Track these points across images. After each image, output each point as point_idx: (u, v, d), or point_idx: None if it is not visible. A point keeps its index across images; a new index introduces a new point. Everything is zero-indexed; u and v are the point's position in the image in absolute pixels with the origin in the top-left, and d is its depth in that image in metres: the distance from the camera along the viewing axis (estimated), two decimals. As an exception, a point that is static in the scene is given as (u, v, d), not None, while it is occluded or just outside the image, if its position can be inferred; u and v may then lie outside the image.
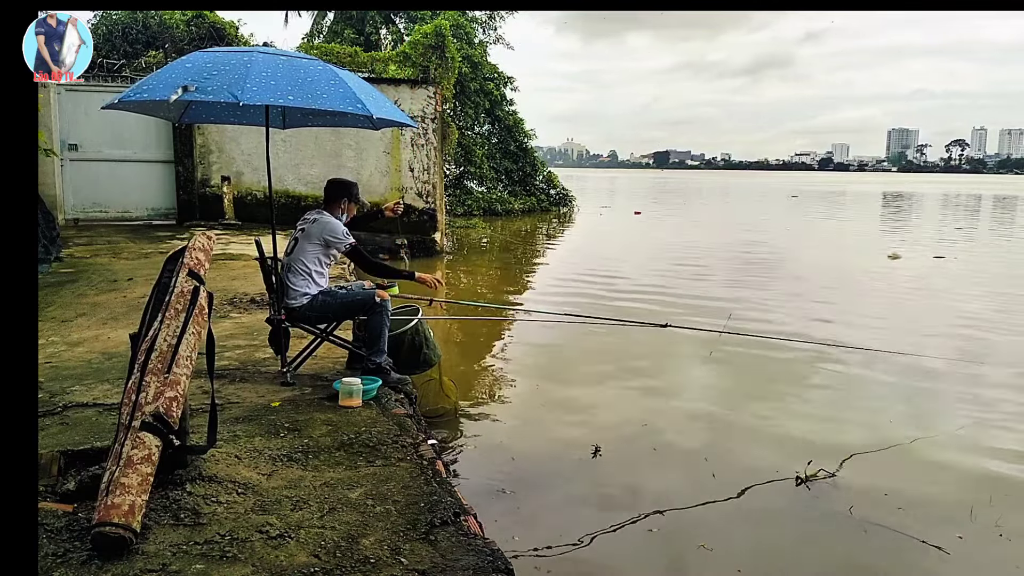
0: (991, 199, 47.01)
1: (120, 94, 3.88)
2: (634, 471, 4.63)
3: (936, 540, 3.72)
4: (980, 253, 17.06)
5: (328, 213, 4.47)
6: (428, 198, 13.13)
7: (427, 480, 3.12)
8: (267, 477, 3.07)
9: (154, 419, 2.62)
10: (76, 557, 2.36)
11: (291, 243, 4.49)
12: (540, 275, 13.43)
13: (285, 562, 2.42)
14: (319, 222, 4.41)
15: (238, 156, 12.44)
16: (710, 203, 41.26)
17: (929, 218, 29.96)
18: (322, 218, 4.42)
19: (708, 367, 6.96)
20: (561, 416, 5.58)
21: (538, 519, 3.89)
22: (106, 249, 9.35)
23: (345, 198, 4.54)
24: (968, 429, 5.35)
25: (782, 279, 12.33)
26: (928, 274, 13.26)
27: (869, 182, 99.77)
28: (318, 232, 4.38)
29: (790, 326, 8.48)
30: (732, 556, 3.61)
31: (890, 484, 4.40)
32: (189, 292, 2.97)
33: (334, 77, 4.03)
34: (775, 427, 5.37)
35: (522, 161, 25.69)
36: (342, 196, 4.54)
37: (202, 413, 3.45)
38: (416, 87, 13.11)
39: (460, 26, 22.33)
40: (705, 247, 17.56)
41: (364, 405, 4.03)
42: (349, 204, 4.55)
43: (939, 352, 7.45)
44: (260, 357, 4.93)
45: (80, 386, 4.20)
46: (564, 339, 7.81)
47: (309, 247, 4.40)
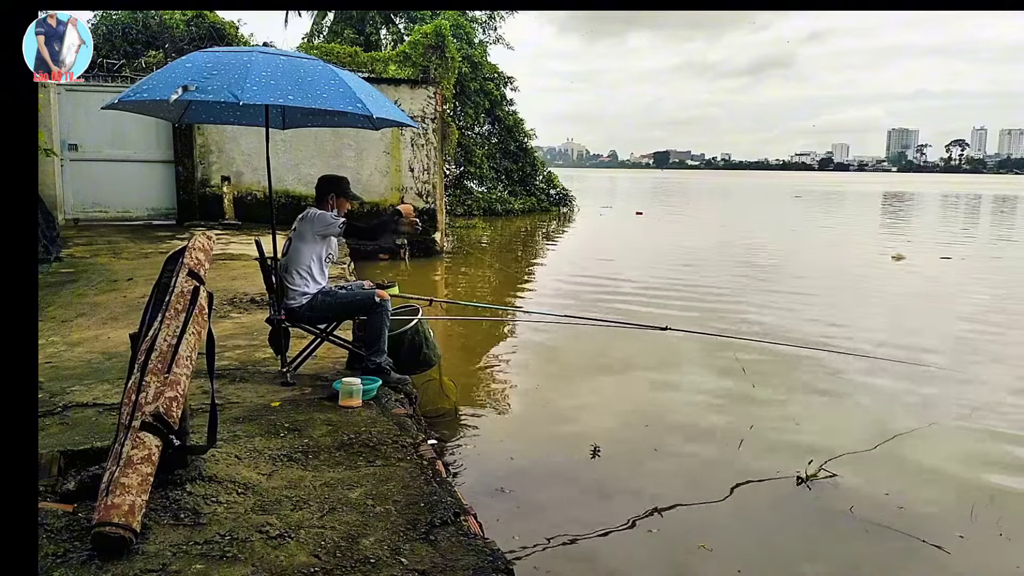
0: (991, 199, 46.86)
1: (120, 94, 3.89)
2: (634, 471, 4.63)
3: (937, 540, 3.72)
4: (984, 255, 16.84)
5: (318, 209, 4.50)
6: (428, 198, 13.13)
7: (427, 480, 3.11)
8: (267, 477, 3.07)
9: (154, 419, 2.62)
10: (76, 557, 2.36)
11: (286, 244, 4.52)
12: (540, 275, 13.43)
13: (285, 562, 2.42)
14: (307, 218, 4.45)
15: (238, 156, 12.43)
16: (712, 203, 41.18)
17: (931, 218, 29.87)
18: (309, 212, 4.46)
19: (709, 368, 6.96)
20: (561, 416, 5.58)
21: (538, 519, 3.89)
22: (106, 249, 9.35)
23: (332, 193, 4.54)
24: (969, 429, 5.35)
25: (785, 281, 12.28)
26: (936, 275, 13.16)
27: (869, 182, 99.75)
28: (308, 228, 4.41)
29: (793, 330, 8.48)
30: (732, 556, 3.61)
31: (891, 484, 4.40)
32: (189, 292, 2.97)
33: (334, 77, 4.03)
34: (776, 428, 5.36)
35: (522, 161, 25.69)
36: (329, 191, 4.54)
37: (202, 413, 3.45)
38: (416, 87, 13.11)
39: (460, 26, 22.33)
40: (708, 248, 17.48)
41: (364, 405, 4.03)
42: (338, 199, 4.55)
43: (945, 354, 7.46)
44: (260, 357, 4.93)
45: (80, 386, 4.20)
46: (564, 340, 7.81)
47: (304, 246, 4.42)
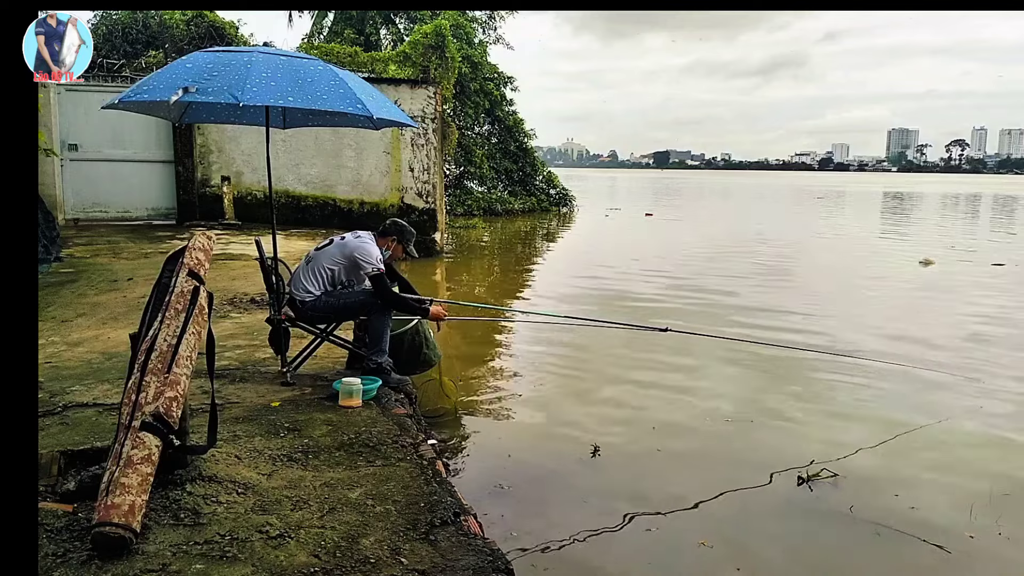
0: (1004, 199, 46.20)
1: (120, 94, 3.89)
2: (634, 470, 4.63)
3: (937, 539, 3.72)
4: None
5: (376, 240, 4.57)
6: (428, 198, 13.13)
7: (427, 480, 3.12)
8: (267, 477, 3.07)
9: (154, 419, 2.62)
10: (76, 557, 2.36)
11: (326, 243, 4.57)
12: (540, 276, 13.43)
13: (285, 562, 2.42)
14: (359, 240, 4.50)
15: (238, 156, 12.43)
16: (722, 204, 40.82)
17: (949, 220, 29.01)
18: (364, 241, 4.50)
19: (711, 369, 6.95)
20: (561, 416, 5.57)
21: (538, 518, 3.89)
22: (106, 249, 9.34)
23: (395, 237, 4.67)
24: (970, 429, 5.35)
25: (798, 284, 12.16)
26: (976, 283, 12.18)
27: (872, 182, 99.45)
28: (352, 249, 4.44)
29: (804, 335, 8.47)
30: (732, 555, 3.61)
31: (891, 485, 4.40)
32: (189, 292, 2.97)
33: (334, 77, 4.03)
34: (778, 429, 5.36)
35: (522, 161, 25.69)
36: (393, 234, 4.66)
37: (202, 413, 3.45)
38: (416, 87, 13.11)
39: (460, 26, 22.32)
40: (727, 250, 16.78)
41: (364, 405, 4.03)
42: (396, 244, 4.69)
43: (948, 358, 7.45)
44: (260, 357, 4.93)
45: (80, 386, 4.20)
46: (565, 340, 7.81)
47: (338, 258, 4.46)
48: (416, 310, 4.63)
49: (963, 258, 15.71)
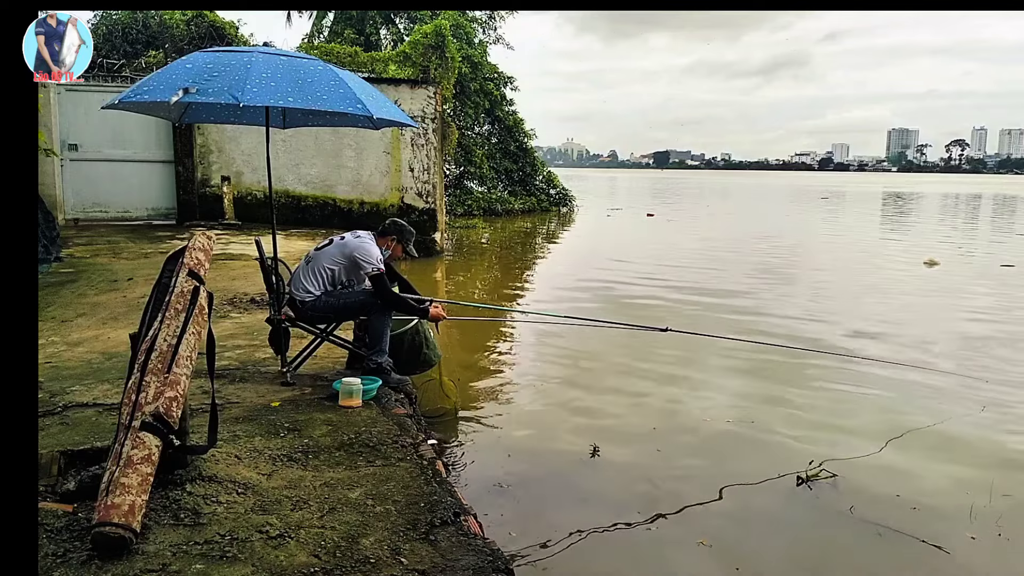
0: (1005, 199, 46.09)
1: (120, 94, 3.89)
2: (634, 470, 4.63)
3: (937, 540, 3.72)
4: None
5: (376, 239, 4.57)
6: (428, 198, 13.14)
7: (427, 480, 3.12)
8: (267, 477, 3.07)
9: (154, 419, 2.62)
10: (76, 557, 2.36)
11: (326, 243, 4.57)
12: (540, 276, 13.43)
13: (285, 562, 2.42)
14: (359, 240, 4.50)
15: (238, 156, 12.44)
16: (723, 204, 40.75)
17: (950, 220, 29.04)
18: (364, 241, 4.50)
19: (711, 370, 6.95)
20: (562, 416, 5.57)
21: (538, 518, 3.89)
22: (106, 249, 9.35)
23: (395, 237, 4.67)
24: (972, 430, 5.35)
25: (798, 284, 12.14)
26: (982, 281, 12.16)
27: (872, 182, 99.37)
28: (352, 249, 4.44)
29: (805, 335, 8.47)
30: (731, 555, 3.60)
31: (892, 485, 4.39)
32: (189, 292, 2.97)
33: (334, 77, 4.03)
34: (778, 429, 5.36)
35: (522, 161, 25.68)
36: (392, 234, 4.67)
37: (202, 413, 3.45)
38: (416, 87, 13.11)
39: (460, 26, 22.32)
40: (728, 251, 16.70)
41: (364, 405, 4.03)
42: (396, 244, 4.69)
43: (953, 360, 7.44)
44: (260, 357, 4.93)
45: (80, 386, 4.20)
46: (565, 340, 7.80)
47: (338, 258, 4.46)
48: (416, 310, 4.63)
49: (968, 259, 15.69)
